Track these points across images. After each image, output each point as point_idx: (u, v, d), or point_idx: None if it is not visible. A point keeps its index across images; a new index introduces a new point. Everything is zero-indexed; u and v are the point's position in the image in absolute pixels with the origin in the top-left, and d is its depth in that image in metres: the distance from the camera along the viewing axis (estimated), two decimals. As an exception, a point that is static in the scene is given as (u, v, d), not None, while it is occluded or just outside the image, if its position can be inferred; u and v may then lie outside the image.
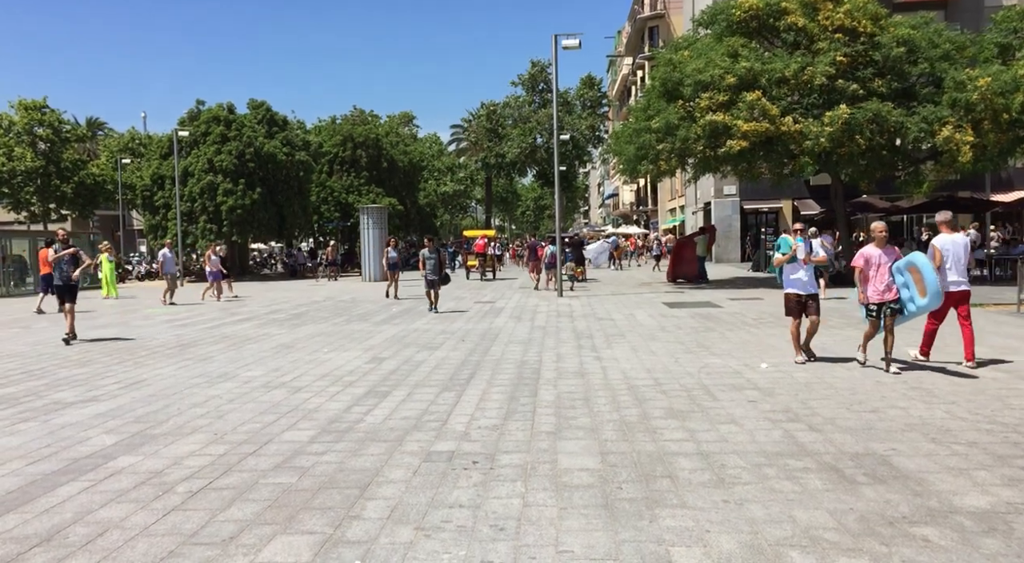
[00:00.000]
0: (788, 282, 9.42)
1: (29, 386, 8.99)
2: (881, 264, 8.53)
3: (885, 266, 8.53)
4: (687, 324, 13.71)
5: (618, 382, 8.46)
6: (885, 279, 8.51)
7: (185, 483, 5.19)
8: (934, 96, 20.77)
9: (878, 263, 8.54)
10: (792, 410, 6.92)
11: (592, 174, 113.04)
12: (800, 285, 9.32)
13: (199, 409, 7.50)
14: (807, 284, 9.33)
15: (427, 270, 16.86)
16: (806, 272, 9.31)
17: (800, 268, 9.29)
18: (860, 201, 28.33)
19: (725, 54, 21.77)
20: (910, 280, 8.47)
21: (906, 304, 8.56)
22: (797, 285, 9.33)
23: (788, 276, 9.41)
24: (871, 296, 8.60)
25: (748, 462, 5.39)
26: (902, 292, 8.54)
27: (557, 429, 6.44)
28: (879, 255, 8.57)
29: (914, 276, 8.40)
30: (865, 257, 8.63)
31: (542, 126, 54.03)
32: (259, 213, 36.75)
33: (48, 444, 6.29)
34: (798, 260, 9.26)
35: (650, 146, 22.03)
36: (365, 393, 8.16)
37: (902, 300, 8.55)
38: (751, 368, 9.13)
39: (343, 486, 5.08)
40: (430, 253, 17.04)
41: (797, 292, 9.32)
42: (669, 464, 5.39)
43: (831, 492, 4.73)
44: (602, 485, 4.97)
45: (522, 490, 4.91)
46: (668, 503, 4.62)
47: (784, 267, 9.42)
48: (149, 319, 17.21)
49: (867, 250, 8.69)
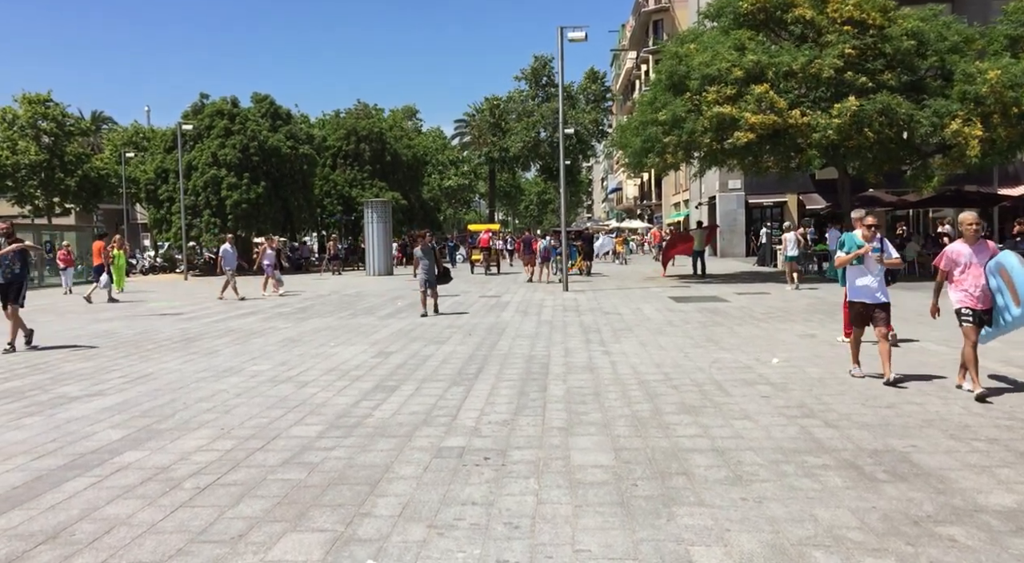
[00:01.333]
0: (853, 289, 7.91)
1: (34, 380, 8.92)
2: (972, 264, 6.98)
3: (977, 267, 6.96)
4: (695, 319, 13.61)
5: (628, 377, 8.36)
6: (980, 282, 6.94)
7: (192, 479, 5.11)
8: (943, 89, 20.61)
9: (968, 262, 6.99)
10: (807, 406, 6.81)
11: (595, 169, 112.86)
12: (868, 293, 7.73)
13: (205, 403, 7.42)
14: (876, 291, 7.71)
15: (420, 271, 14.94)
16: (875, 277, 7.72)
17: (868, 272, 7.74)
18: (867, 195, 28.17)
19: (732, 47, 21.62)
20: (1002, 284, 6.83)
21: (1001, 313, 6.94)
22: (864, 293, 7.75)
23: (853, 281, 7.87)
24: (963, 300, 7.02)
25: (765, 459, 5.30)
26: (996, 298, 6.95)
27: (568, 425, 6.35)
28: (969, 254, 7.01)
29: (1005, 279, 6.79)
30: (950, 256, 7.12)
31: (545, 120, 53.89)
32: (263, 207, 36.65)
33: (54, 438, 6.21)
34: (865, 261, 7.74)
35: (656, 139, 21.89)
36: (373, 388, 8.08)
37: (995, 308, 6.99)
38: (762, 363, 9.02)
39: (353, 482, 4.99)
40: (423, 251, 15.01)
41: (864, 301, 7.78)
42: (684, 461, 5.30)
43: (852, 490, 4.63)
44: (617, 482, 4.88)
45: (535, 487, 4.82)
46: (685, 501, 4.52)
47: (847, 270, 8.01)
48: (154, 313, 17.14)
49: (954, 247, 7.15)
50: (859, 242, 7.83)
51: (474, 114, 60.05)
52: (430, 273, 14.90)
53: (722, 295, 18.03)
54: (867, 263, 7.76)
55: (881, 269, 7.76)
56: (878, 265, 7.73)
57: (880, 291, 7.71)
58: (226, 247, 21.54)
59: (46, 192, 45.40)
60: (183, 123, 35.76)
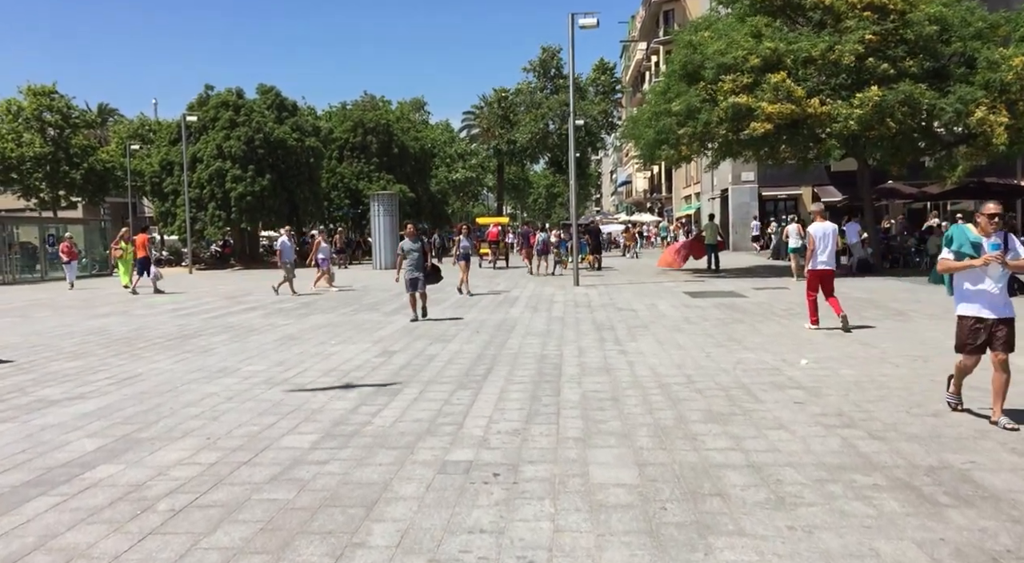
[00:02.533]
0: (962, 295, 5.94)
1: (15, 381, 8.42)
2: None
3: None
4: (712, 315, 13.02)
5: (647, 379, 7.80)
6: None
7: (168, 499, 4.58)
8: (967, 76, 19.89)
9: None
10: (845, 413, 6.23)
11: (604, 162, 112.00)
12: (987, 302, 5.80)
13: (193, 409, 6.89)
14: (997, 302, 5.80)
15: (407, 266, 12.92)
16: (997, 282, 5.79)
17: (986, 275, 5.80)
18: (886, 187, 27.46)
19: (748, 34, 20.93)
20: None
21: None
22: (982, 303, 5.80)
23: (965, 287, 5.92)
24: None
25: (807, 477, 4.73)
26: None
27: (585, 434, 5.79)
28: None
29: None
30: None
31: (554, 112, 53.17)
32: (269, 200, 36.08)
33: (24, 449, 5.70)
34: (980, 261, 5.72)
35: (670, 130, 21.25)
36: (373, 391, 7.54)
37: None
38: (790, 364, 8.44)
39: (347, 504, 4.45)
40: (412, 243, 13.09)
41: (981, 316, 5.81)
42: (717, 478, 4.74)
43: (913, 517, 4.06)
44: (643, 505, 4.32)
45: (551, 510, 4.27)
46: (723, 529, 3.96)
47: (957, 273, 5.97)
48: (152, 308, 16.66)
49: None
50: (973, 237, 5.82)
51: (482, 106, 59.43)
52: (417, 271, 12.90)
53: (739, 290, 17.41)
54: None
55: (1005, 274, 5.80)
56: (1001, 268, 5.72)
57: (1002, 302, 5.80)
58: (283, 240, 20.10)
59: (51, 185, 45.01)
60: (188, 115, 35.22)
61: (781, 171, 33.01)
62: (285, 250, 19.50)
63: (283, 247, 19.71)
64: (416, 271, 12.87)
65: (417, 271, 12.88)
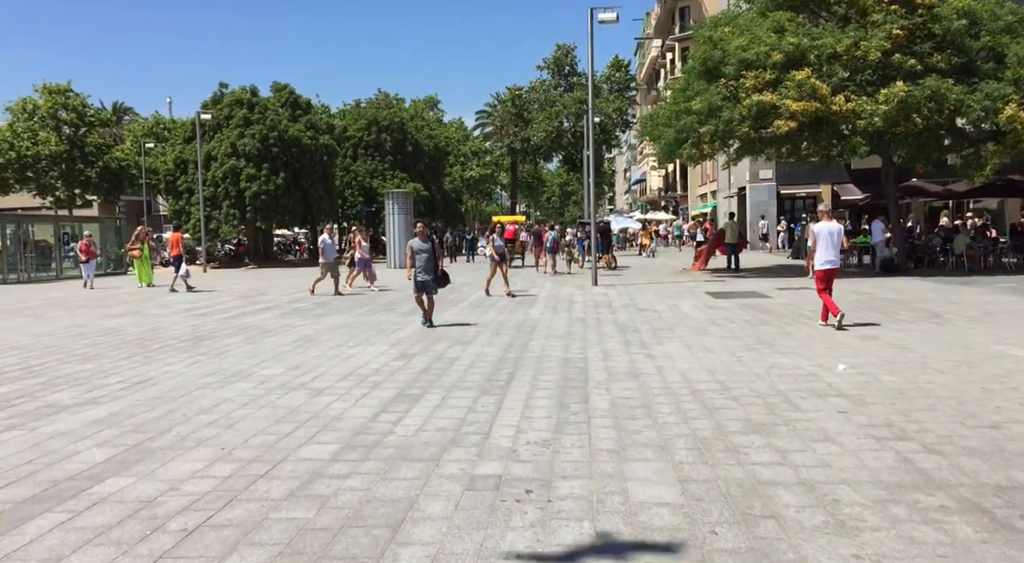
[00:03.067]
0: None
1: (25, 385, 8.17)
2: None
3: None
4: (739, 317, 12.65)
5: (679, 386, 7.46)
6: None
7: (180, 517, 4.29)
8: (996, 72, 19.40)
9: None
10: (895, 424, 5.87)
11: (618, 160, 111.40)
12: None
13: (207, 416, 6.62)
14: None
15: (417, 268, 12.04)
16: None
17: None
18: (910, 185, 26.93)
19: (770, 30, 20.51)
20: None
21: None
22: None
23: None
24: None
25: (865, 496, 4.38)
26: None
27: (620, 446, 5.47)
28: None
29: None
30: None
31: (568, 110, 52.85)
32: (283, 198, 35.91)
33: (30, 460, 5.43)
34: None
35: (691, 129, 20.84)
36: (394, 397, 7.24)
37: None
38: (827, 370, 8.07)
39: (371, 524, 4.15)
40: (422, 243, 12.13)
41: None
42: (767, 498, 4.40)
43: (990, 544, 3.72)
44: (690, 528, 3.99)
45: (591, 533, 3.95)
46: (783, 558, 3.63)
47: None
48: (167, 307, 16.45)
49: None
50: None
51: (496, 104, 59.14)
52: (428, 274, 12.09)
53: (762, 290, 17.01)
54: None
55: None
56: None
57: None
58: (324, 238, 19.48)
59: (67, 183, 45.05)
60: (202, 113, 35.07)
61: (800, 169, 32.55)
62: (327, 249, 18.91)
63: (325, 246, 19.05)
64: (427, 274, 12.09)
65: (428, 274, 12.09)
